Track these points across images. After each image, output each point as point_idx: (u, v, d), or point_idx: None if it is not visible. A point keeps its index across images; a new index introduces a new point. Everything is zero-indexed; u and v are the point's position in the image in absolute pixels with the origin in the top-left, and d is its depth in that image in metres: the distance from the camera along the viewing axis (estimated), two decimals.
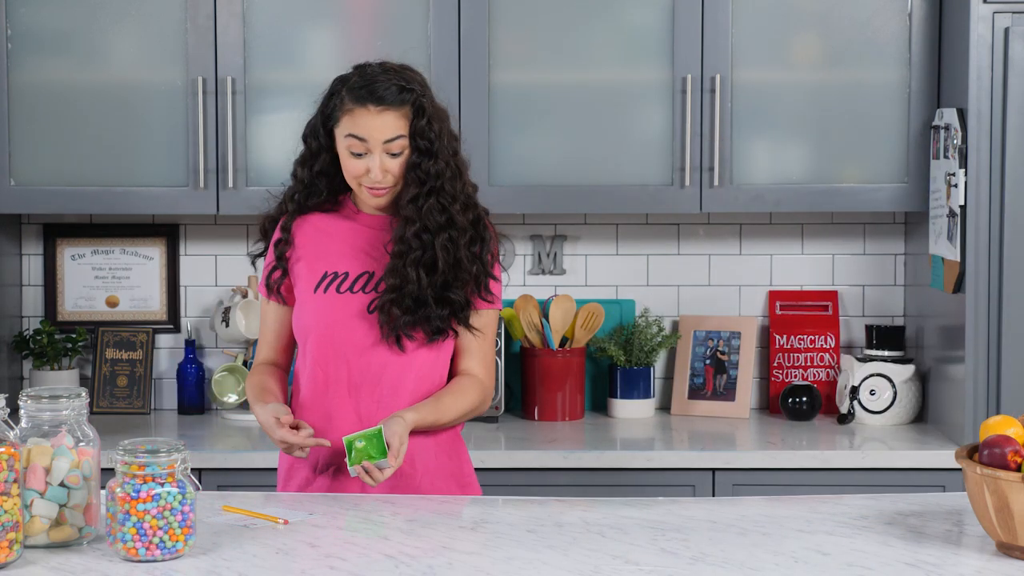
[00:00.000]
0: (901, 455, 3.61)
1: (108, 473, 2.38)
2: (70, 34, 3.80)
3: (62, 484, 2.29)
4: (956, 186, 3.58)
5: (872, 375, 3.95)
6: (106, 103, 3.82)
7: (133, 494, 2.22)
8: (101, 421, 3.73)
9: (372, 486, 2.70)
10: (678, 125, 3.80)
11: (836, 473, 3.59)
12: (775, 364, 4.16)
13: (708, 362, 4.12)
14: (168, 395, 4.19)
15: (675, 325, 4.20)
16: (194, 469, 3.26)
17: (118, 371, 4.12)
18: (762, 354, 4.21)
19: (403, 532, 2.44)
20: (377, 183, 2.79)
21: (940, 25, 3.78)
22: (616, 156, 3.83)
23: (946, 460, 3.57)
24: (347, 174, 2.82)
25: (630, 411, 4.05)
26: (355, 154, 2.78)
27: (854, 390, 3.96)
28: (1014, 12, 3.54)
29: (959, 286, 3.62)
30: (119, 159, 3.82)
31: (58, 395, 2.34)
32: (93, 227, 4.17)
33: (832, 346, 4.16)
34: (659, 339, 4.07)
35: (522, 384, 4.05)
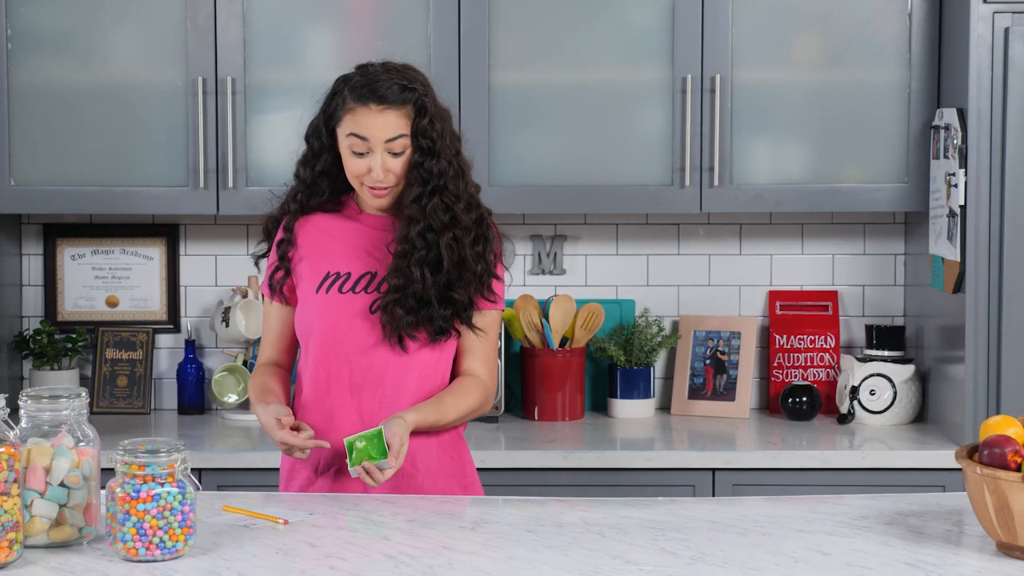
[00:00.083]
0: (901, 455, 3.61)
1: (108, 473, 2.38)
2: (70, 34, 3.80)
3: (62, 484, 2.29)
4: (956, 186, 3.58)
5: (872, 375, 3.94)
6: (106, 103, 3.81)
7: (133, 494, 2.22)
8: (101, 421, 3.73)
9: (373, 487, 2.69)
10: (678, 125, 3.80)
11: (836, 473, 3.59)
12: (775, 364, 4.16)
13: (708, 362, 4.12)
14: (168, 395, 4.19)
15: (675, 325, 4.20)
16: (194, 469, 3.26)
17: (118, 371, 4.12)
18: (762, 354, 4.21)
19: (403, 532, 2.44)
20: (378, 183, 2.79)
21: (940, 25, 3.78)
22: (616, 156, 3.83)
23: (946, 460, 3.57)
24: (349, 173, 2.81)
25: (630, 411, 4.05)
26: (357, 153, 2.78)
27: (854, 390, 3.95)
28: (1014, 12, 3.54)
29: (959, 286, 3.62)
30: (119, 159, 3.82)
31: (58, 395, 2.34)
32: (93, 227, 4.17)
33: (832, 346, 4.16)
34: (659, 339, 4.07)
35: (522, 384, 4.05)
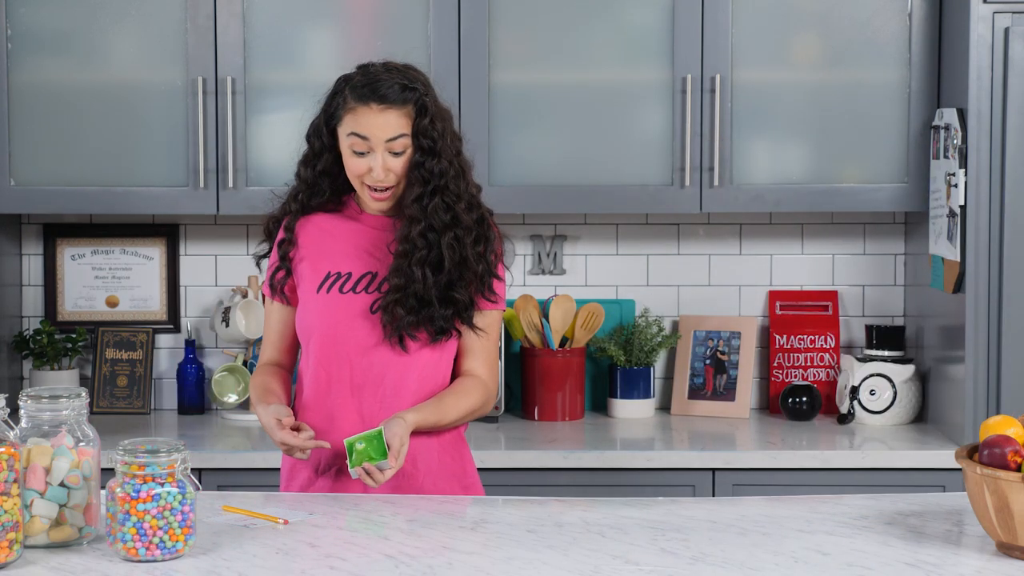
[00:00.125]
0: (901, 455, 3.61)
1: (108, 473, 2.38)
2: (70, 34, 3.80)
3: (62, 484, 2.29)
4: (956, 186, 3.58)
5: (872, 375, 3.94)
6: (106, 103, 3.81)
7: (133, 494, 2.22)
8: (101, 421, 3.73)
9: (373, 487, 2.69)
10: (678, 125, 3.80)
11: (836, 473, 3.59)
12: (775, 364, 4.16)
13: (708, 362, 4.12)
14: (168, 395, 4.19)
15: (675, 325, 4.20)
16: (194, 469, 3.26)
17: (118, 371, 4.12)
18: (762, 354, 4.21)
19: (403, 532, 2.44)
20: (379, 182, 2.78)
21: (940, 25, 3.78)
22: (616, 156, 3.83)
23: (946, 460, 3.57)
24: (349, 173, 2.81)
25: (630, 411, 4.05)
26: (357, 153, 2.78)
27: (854, 390, 3.95)
28: (1014, 12, 3.54)
29: (959, 286, 3.62)
30: (119, 159, 3.82)
31: (58, 395, 2.34)
32: (93, 227, 4.17)
33: (832, 346, 4.16)
34: (659, 339, 4.07)
35: (522, 384, 4.05)
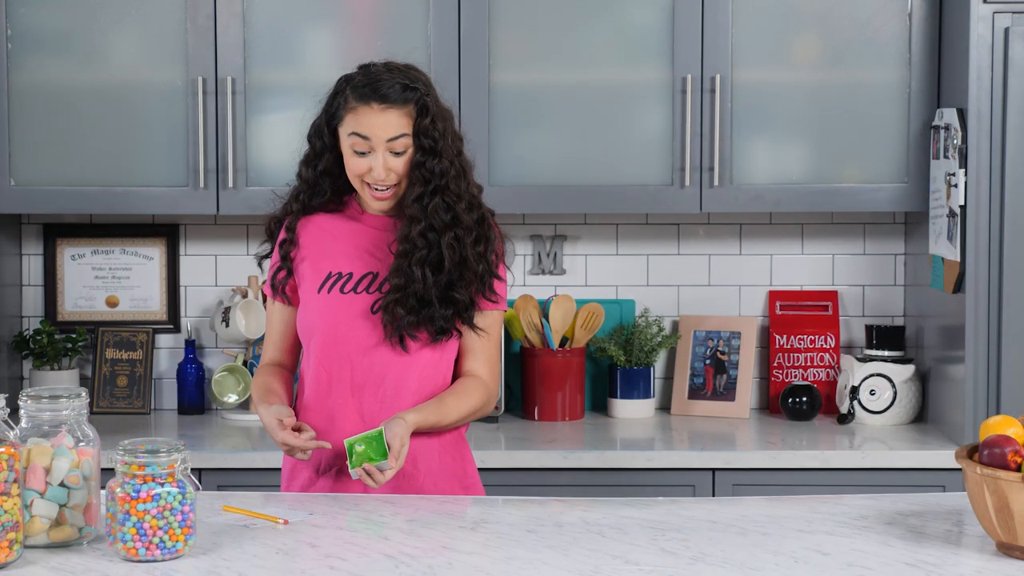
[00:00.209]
0: (901, 455, 3.61)
1: (108, 473, 2.38)
2: (70, 34, 3.80)
3: (62, 484, 2.29)
4: (956, 186, 3.58)
5: (872, 375, 3.94)
6: (106, 103, 3.82)
7: (133, 494, 2.22)
8: (101, 421, 3.73)
9: (374, 488, 2.69)
10: (678, 125, 3.80)
11: (836, 473, 3.59)
12: (775, 364, 4.16)
13: (708, 362, 4.12)
14: (168, 395, 4.19)
15: (675, 325, 4.20)
16: (194, 469, 3.26)
17: (118, 371, 4.12)
18: (762, 354, 4.21)
19: (403, 532, 2.44)
20: (380, 182, 2.78)
21: (940, 25, 3.78)
22: (616, 156, 3.83)
23: (946, 460, 3.57)
24: (350, 173, 2.81)
25: (630, 411, 4.05)
26: (358, 152, 2.78)
27: (854, 390, 3.95)
28: (1014, 12, 3.54)
29: (959, 286, 3.62)
30: (119, 159, 3.82)
31: (58, 395, 2.34)
32: (93, 227, 4.17)
33: (832, 346, 4.15)
34: (659, 339, 4.07)
35: (522, 384, 4.05)
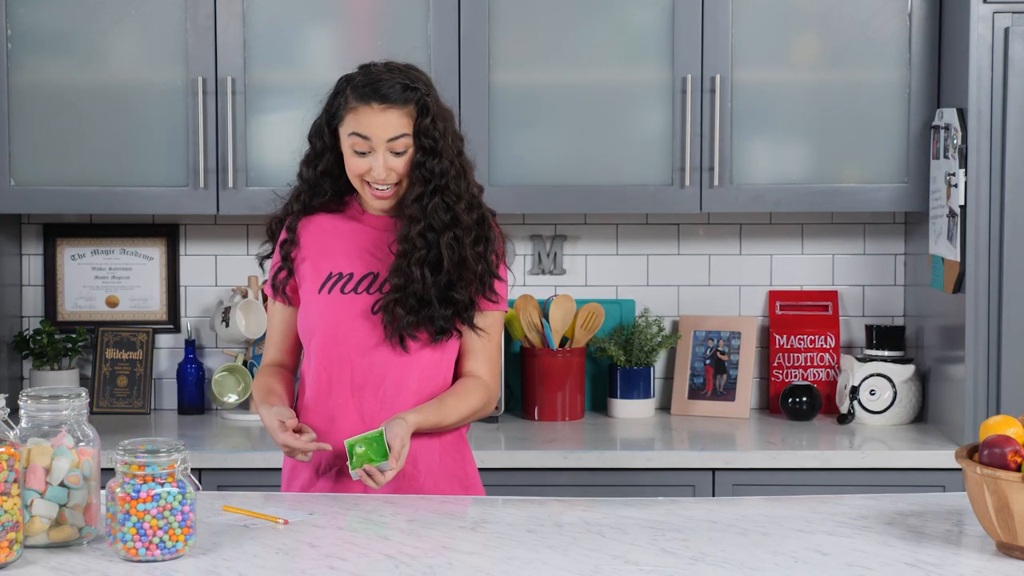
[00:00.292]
0: (901, 455, 3.61)
1: (108, 473, 2.38)
2: (70, 34, 3.80)
3: (62, 484, 2.29)
4: (956, 186, 3.58)
5: (872, 375, 3.94)
6: (106, 103, 3.82)
7: (133, 494, 2.22)
8: (101, 421, 3.73)
9: (374, 488, 2.69)
10: (678, 125, 3.80)
11: (836, 473, 3.59)
12: (775, 364, 4.16)
13: (708, 362, 4.12)
14: (168, 395, 4.19)
15: (675, 325, 4.20)
16: (194, 469, 3.26)
17: (118, 371, 4.12)
18: (762, 354, 4.21)
19: (403, 532, 2.44)
20: (380, 182, 2.78)
21: (940, 25, 3.78)
22: (616, 156, 3.83)
23: (946, 460, 3.57)
24: (350, 173, 2.81)
25: (630, 411, 4.04)
26: (359, 152, 2.78)
27: (854, 390, 3.95)
28: (1014, 12, 3.54)
29: (959, 286, 3.62)
30: (119, 159, 3.82)
31: (58, 395, 2.34)
32: (93, 227, 4.17)
33: (832, 346, 4.15)
34: (659, 339, 4.07)
35: (522, 384, 4.05)
